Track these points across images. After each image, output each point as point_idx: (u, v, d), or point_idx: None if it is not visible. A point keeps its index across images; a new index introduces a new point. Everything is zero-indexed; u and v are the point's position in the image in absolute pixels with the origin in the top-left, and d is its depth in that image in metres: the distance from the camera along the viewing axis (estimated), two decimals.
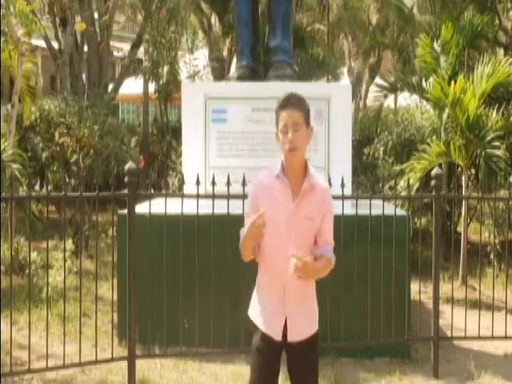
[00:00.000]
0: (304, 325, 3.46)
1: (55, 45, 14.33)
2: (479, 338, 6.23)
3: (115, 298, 5.87)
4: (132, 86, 16.01)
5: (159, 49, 12.16)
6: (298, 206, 3.36)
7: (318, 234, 3.42)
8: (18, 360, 5.77)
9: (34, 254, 7.80)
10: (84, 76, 14.63)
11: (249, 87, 6.71)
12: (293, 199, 3.36)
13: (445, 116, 9.00)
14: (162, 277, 5.61)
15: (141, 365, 5.63)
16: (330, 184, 5.52)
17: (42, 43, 14.41)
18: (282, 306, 3.42)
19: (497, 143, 8.74)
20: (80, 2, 13.69)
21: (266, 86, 6.65)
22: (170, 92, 12.93)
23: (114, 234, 6.06)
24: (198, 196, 5.52)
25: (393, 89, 10.91)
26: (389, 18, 17.25)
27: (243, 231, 3.40)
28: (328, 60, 14.19)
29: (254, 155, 6.49)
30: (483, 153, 8.63)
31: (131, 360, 5.43)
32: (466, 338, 6.24)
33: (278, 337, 3.42)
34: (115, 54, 17.39)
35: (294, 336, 3.43)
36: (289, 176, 3.39)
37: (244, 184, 5.27)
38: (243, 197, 4.88)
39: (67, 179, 10.19)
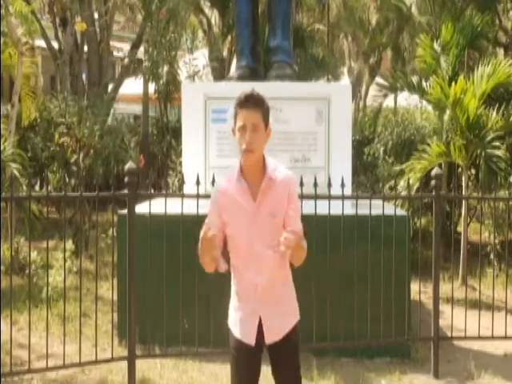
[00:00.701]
0: (280, 325, 3.37)
1: (55, 45, 14.34)
2: (479, 338, 6.23)
3: (115, 298, 5.87)
4: (132, 86, 16.00)
5: (159, 49, 12.17)
6: (259, 205, 3.28)
7: (285, 226, 3.26)
8: (17, 360, 5.77)
9: (34, 254, 7.80)
10: (84, 76, 14.64)
11: (249, 87, 6.68)
12: (254, 200, 3.28)
13: (445, 116, 9.00)
14: (161, 277, 5.61)
15: (141, 365, 5.63)
16: (329, 184, 5.55)
17: (42, 43, 14.42)
18: (255, 308, 3.34)
19: (497, 143, 8.75)
20: (80, 2, 13.70)
21: (266, 85, 6.65)
22: (169, 92, 12.93)
23: (114, 234, 6.06)
24: (198, 196, 5.52)
25: (393, 88, 10.91)
26: (388, 18, 17.24)
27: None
28: (328, 60, 14.19)
29: None
30: (483, 153, 8.64)
31: (131, 360, 5.43)
32: (465, 338, 6.24)
33: (251, 341, 3.34)
34: (115, 53, 17.40)
35: (271, 337, 3.34)
36: (248, 176, 3.30)
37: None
38: None
39: (67, 179, 10.20)
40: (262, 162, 3.33)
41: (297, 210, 3.37)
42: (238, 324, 3.40)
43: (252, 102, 3.32)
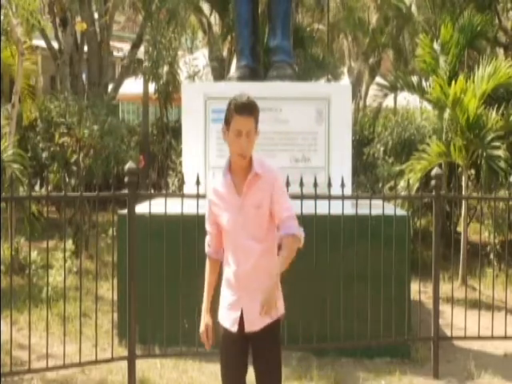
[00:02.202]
0: (259, 316, 3.33)
1: (55, 45, 14.33)
2: (479, 338, 6.23)
3: (115, 297, 5.87)
4: (132, 86, 16.00)
5: (159, 49, 12.17)
6: (244, 198, 3.44)
7: (274, 215, 3.44)
8: (17, 360, 5.77)
9: (34, 254, 7.80)
10: (84, 76, 14.62)
11: (249, 87, 6.68)
12: (239, 194, 3.45)
13: (445, 116, 9.00)
14: (161, 277, 5.61)
15: (141, 365, 5.63)
16: (329, 184, 5.55)
17: (42, 43, 14.42)
18: (237, 296, 3.47)
19: (497, 143, 8.75)
20: (80, 2, 13.69)
21: (266, 85, 6.65)
22: (169, 92, 12.93)
23: (114, 234, 6.06)
24: (197, 196, 5.52)
25: (393, 88, 10.91)
26: (388, 18, 17.23)
27: (207, 239, 3.66)
28: (328, 60, 14.19)
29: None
30: (483, 153, 8.64)
31: (131, 360, 5.43)
32: (465, 337, 6.24)
33: (233, 328, 3.46)
34: (115, 53, 17.39)
35: (251, 326, 3.43)
36: (236, 172, 3.47)
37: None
38: None
39: (67, 179, 10.20)
40: (248, 161, 3.48)
41: (285, 198, 3.50)
42: (224, 312, 3.55)
43: (248, 110, 3.44)
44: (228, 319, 3.51)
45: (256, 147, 3.51)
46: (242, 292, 3.46)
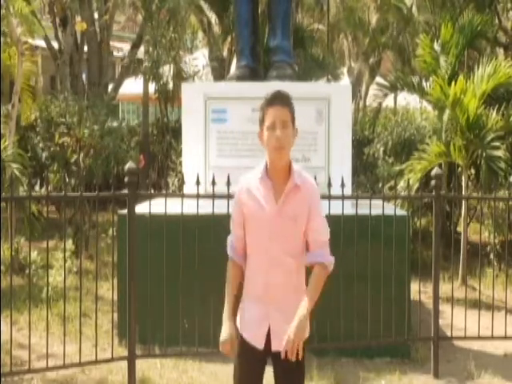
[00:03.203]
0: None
1: (55, 45, 14.33)
2: (479, 338, 6.23)
3: (115, 297, 5.87)
4: (132, 86, 15.99)
5: (159, 49, 12.16)
6: (281, 207, 3.24)
7: (307, 234, 3.27)
8: (18, 360, 5.77)
9: (34, 254, 7.79)
10: (84, 76, 14.63)
11: (249, 87, 6.70)
12: (276, 201, 3.24)
13: (445, 116, 9.00)
14: (161, 277, 5.61)
15: (141, 365, 5.63)
16: (329, 184, 5.55)
17: (42, 43, 14.42)
18: (265, 311, 3.27)
19: (497, 143, 8.74)
20: (80, 1, 13.69)
21: (266, 85, 6.65)
22: (169, 92, 12.93)
23: (114, 234, 6.06)
24: (198, 196, 5.52)
25: (393, 88, 10.91)
26: (388, 18, 17.24)
27: (231, 240, 3.43)
28: (328, 60, 14.19)
29: (253, 155, 6.48)
30: (483, 153, 8.64)
31: (131, 360, 5.43)
32: (465, 337, 6.24)
33: (259, 345, 3.26)
34: (115, 54, 17.39)
35: (277, 345, 3.20)
36: (272, 177, 3.27)
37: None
38: None
39: (67, 179, 10.19)
40: (288, 165, 3.30)
41: (322, 221, 3.34)
42: (248, 325, 3.32)
43: (280, 100, 3.29)
44: (253, 334, 3.28)
45: (256, 147, 3.50)
46: (270, 307, 3.26)
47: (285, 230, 3.23)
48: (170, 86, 12.76)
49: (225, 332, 3.26)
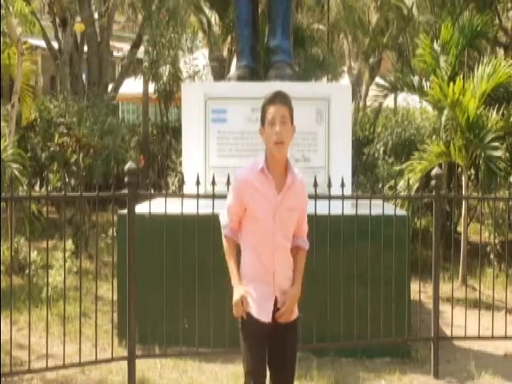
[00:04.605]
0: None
1: (55, 45, 14.33)
2: (479, 338, 6.23)
3: (115, 298, 5.87)
4: (132, 86, 16.00)
5: (159, 49, 12.16)
6: (282, 198, 3.61)
7: (298, 225, 3.74)
8: (18, 360, 5.76)
9: (34, 254, 7.79)
10: (84, 76, 14.63)
11: (249, 87, 6.70)
12: (277, 193, 3.61)
13: (443, 117, 9.00)
14: (161, 277, 5.61)
15: (141, 365, 5.63)
16: (329, 184, 5.55)
17: (41, 43, 14.42)
18: (272, 291, 3.65)
19: (497, 144, 8.74)
20: (80, 1, 13.69)
21: (266, 85, 6.64)
22: (171, 92, 12.93)
23: (114, 234, 6.06)
24: (198, 196, 5.52)
25: (393, 88, 10.91)
26: (388, 18, 17.22)
27: (223, 219, 3.78)
28: (328, 60, 14.17)
29: (253, 155, 6.46)
30: (483, 153, 8.63)
31: (131, 360, 5.43)
32: (465, 338, 6.24)
33: (268, 319, 3.64)
34: (115, 54, 17.39)
35: (285, 317, 3.68)
36: (272, 170, 3.62)
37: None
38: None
39: (67, 179, 10.20)
40: (285, 160, 3.65)
41: (307, 206, 3.83)
42: (255, 303, 3.64)
43: (280, 99, 3.62)
44: (260, 310, 3.63)
45: (256, 147, 3.54)
46: (276, 284, 3.65)
47: (285, 218, 3.65)
48: (170, 85, 12.76)
49: (237, 294, 3.64)
